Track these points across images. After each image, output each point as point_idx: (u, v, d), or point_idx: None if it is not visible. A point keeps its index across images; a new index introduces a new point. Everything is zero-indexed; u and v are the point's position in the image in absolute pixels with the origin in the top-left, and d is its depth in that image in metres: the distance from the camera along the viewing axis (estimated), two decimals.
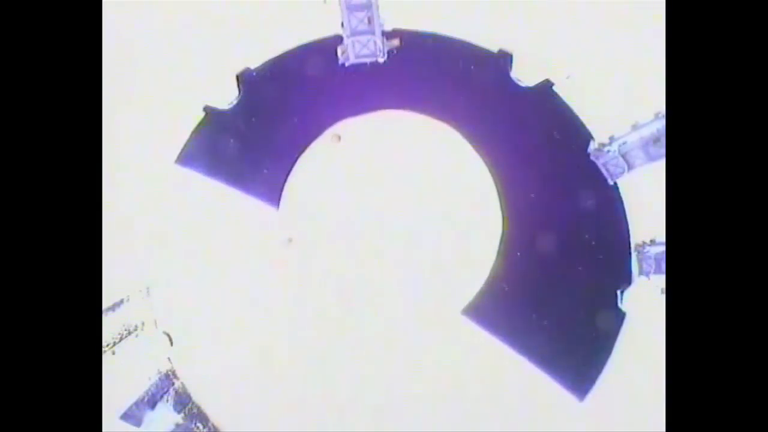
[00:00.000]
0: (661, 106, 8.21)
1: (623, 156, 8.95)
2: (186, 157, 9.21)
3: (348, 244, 9.24)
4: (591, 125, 9.19)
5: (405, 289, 9.17)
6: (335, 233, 9.26)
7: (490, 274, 9.13)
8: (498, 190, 9.27)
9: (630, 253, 9.02)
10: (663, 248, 8.66)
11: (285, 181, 9.29)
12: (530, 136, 9.42)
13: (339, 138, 8.91)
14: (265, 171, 9.31)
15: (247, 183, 9.23)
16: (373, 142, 9.39)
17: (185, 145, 9.20)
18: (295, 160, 9.30)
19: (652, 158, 8.76)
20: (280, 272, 9.15)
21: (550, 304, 9.09)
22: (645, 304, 8.82)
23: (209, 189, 9.19)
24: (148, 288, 8.93)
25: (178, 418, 8.78)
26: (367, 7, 8.84)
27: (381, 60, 9.33)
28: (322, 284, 9.17)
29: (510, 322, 9.02)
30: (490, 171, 9.32)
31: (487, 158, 9.37)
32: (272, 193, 9.27)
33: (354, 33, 9.05)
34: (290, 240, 9.11)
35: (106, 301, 8.51)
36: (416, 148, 9.39)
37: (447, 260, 9.22)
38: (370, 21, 8.93)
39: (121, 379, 8.46)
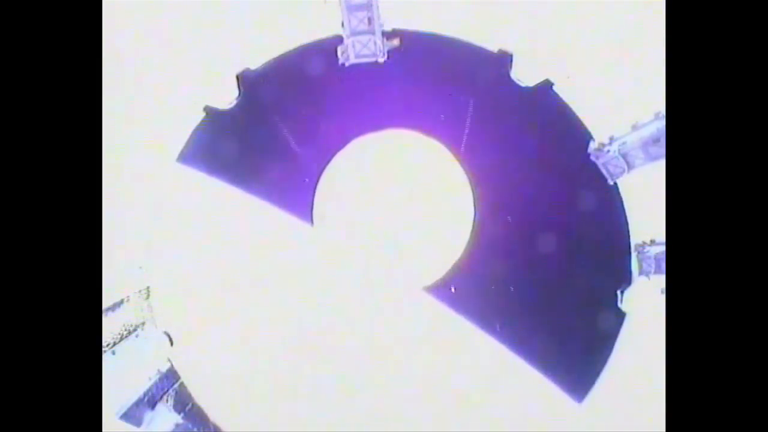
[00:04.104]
0: (661, 106, 8.21)
1: (623, 156, 8.95)
2: (186, 157, 9.22)
3: (347, 245, 9.27)
4: (591, 125, 9.19)
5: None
6: (336, 234, 9.30)
7: (463, 264, 9.24)
8: (473, 190, 9.47)
9: (630, 253, 9.02)
10: (663, 248, 8.66)
11: (292, 182, 9.43)
12: (530, 135, 9.41)
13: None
14: (266, 171, 9.32)
15: (247, 182, 9.24)
16: (375, 155, 9.58)
17: (185, 145, 9.22)
18: (322, 168, 9.51)
19: (652, 158, 8.75)
20: (279, 272, 9.15)
21: (549, 303, 9.09)
22: (645, 304, 8.82)
23: (209, 188, 9.19)
24: (148, 288, 8.93)
25: (178, 418, 8.78)
26: (367, 7, 8.82)
27: (381, 60, 9.33)
28: (321, 285, 9.17)
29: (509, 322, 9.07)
30: (478, 174, 9.46)
31: (485, 159, 9.40)
32: (274, 192, 9.28)
33: (354, 33, 9.03)
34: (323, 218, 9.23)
35: (106, 301, 8.50)
36: (410, 162, 9.60)
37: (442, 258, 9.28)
38: (370, 21, 8.92)
39: (121, 379, 8.46)
